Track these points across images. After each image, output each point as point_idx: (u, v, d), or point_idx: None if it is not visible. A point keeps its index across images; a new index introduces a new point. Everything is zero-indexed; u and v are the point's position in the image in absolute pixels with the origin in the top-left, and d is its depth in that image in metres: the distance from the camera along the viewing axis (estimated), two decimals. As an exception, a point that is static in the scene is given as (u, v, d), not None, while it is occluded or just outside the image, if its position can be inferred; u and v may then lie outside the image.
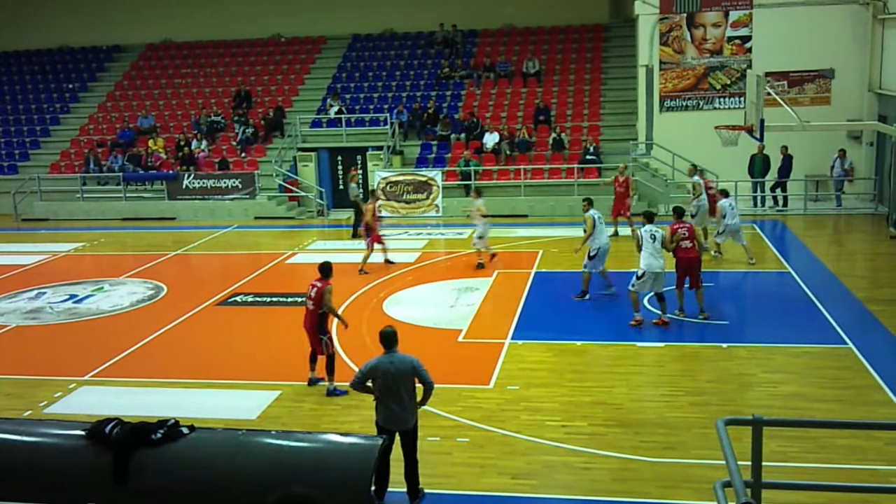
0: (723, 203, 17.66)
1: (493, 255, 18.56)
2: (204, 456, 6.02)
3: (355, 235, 21.48)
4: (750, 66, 23.64)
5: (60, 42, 34.32)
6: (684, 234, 14.06)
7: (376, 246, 18.52)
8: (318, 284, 11.63)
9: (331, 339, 11.83)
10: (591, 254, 15.38)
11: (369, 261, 18.33)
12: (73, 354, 13.86)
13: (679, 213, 14.59)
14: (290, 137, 27.86)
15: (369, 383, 8.62)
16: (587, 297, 15.58)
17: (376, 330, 8.92)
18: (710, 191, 18.94)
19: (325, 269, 11.81)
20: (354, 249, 19.79)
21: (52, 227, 25.94)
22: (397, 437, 8.52)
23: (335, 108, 27.87)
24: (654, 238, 13.79)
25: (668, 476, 9.11)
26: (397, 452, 8.54)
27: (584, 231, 15.61)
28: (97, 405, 11.24)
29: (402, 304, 15.97)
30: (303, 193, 26.48)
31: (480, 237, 18.12)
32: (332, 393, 11.49)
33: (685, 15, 24.58)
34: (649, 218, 14.16)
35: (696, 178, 19.34)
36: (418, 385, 8.64)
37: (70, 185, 27.64)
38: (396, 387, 8.45)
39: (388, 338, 8.62)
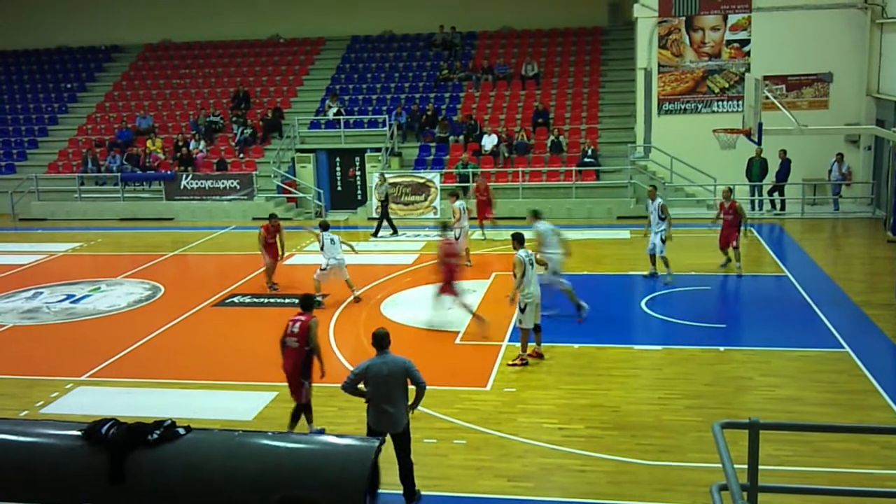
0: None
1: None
2: (200, 457, 6.01)
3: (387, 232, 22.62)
4: (748, 70, 23.66)
5: (59, 42, 34.30)
6: None
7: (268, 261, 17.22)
8: (301, 318, 10.12)
9: (311, 384, 10.27)
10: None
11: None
12: (70, 355, 13.84)
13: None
14: (289, 138, 27.85)
15: (360, 385, 8.62)
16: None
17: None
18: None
19: (307, 303, 10.42)
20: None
21: (49, 227, 25.92)
22: (389, 439, 8.51)
23: (334, 110, 27.87)
24: (533, 265, 12.72)
25: (664, 479, 9.12)
26: (389, 454, 8.53)
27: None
28: (93, 405, 11.24)
29: (400, 305, 15.96)
30: (301, 195, 26.48)
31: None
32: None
33: (684, 18, 24.61)
34: (521, 241, 12.83)
35: (460, 203, 18.58)
36: (410, 387, 8.65)
37: (68, 185, 27.63)
38: (389, 388, 8.46)
39: (381, 339, 8.64)
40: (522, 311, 12.49)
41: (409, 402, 8.68)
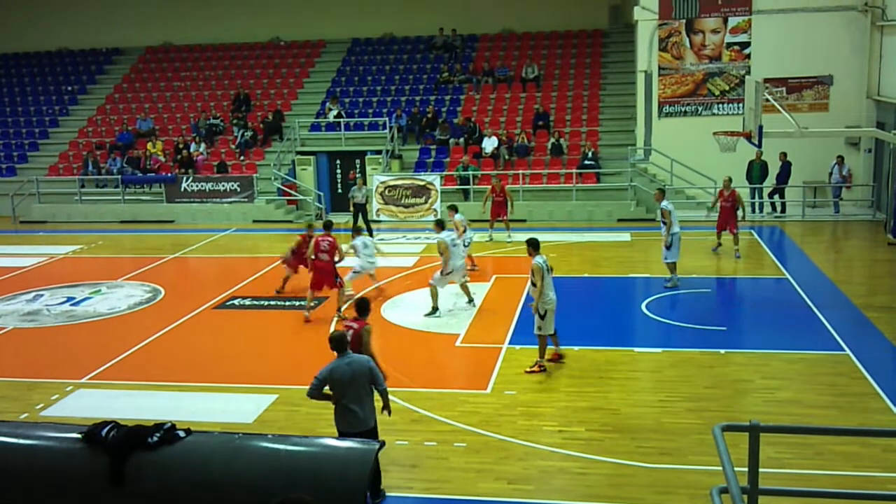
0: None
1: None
2: (200, 460, 6.00)
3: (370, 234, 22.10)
4: (748, 72, 23.67)
5: (60, 44, 34.33)
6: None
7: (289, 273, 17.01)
8: (355, 325, 9.67)
9: None
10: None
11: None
12: (70, 357, 13.84)
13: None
14: (289, 141, 27.87)
15: (326, 389, 8.56)
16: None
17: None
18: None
19: (363, 307, 9.83)
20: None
21: (50, 230, 25.92)
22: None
23: (334, 112, 27.89)
24: (550, 269, 12.41)
25: (664, 482, 9.11)
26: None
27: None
28: (94, 408, 11.23)
29: (401, 308, 15.96)
30: (301, 197, 26.49)
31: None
32: None
33: (684, 21, 24.63)
34: (536, 247, 12.41)
35: (459, 216, 17.92)
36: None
37: (68, 188, 27.64)
38: (355, 389, 8.44)
39: (340, 341, 8.57)
40: (542, 317, 12.21)
41: (381, 406, 8.67)
